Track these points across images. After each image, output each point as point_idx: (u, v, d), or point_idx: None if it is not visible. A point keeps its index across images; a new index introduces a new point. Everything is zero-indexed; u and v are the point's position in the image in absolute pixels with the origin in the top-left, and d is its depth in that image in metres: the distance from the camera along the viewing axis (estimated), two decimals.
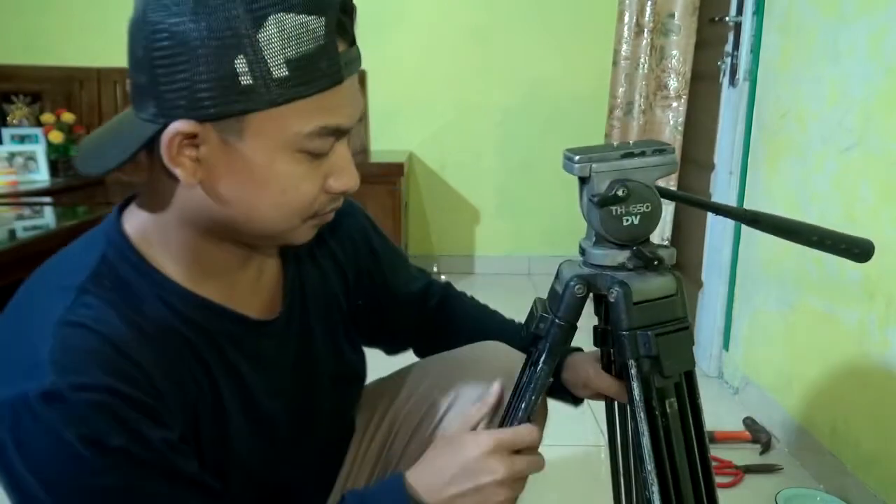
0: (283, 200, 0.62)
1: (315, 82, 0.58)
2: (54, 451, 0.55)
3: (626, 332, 0.72)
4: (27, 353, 0.57)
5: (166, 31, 0.55)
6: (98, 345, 0.58)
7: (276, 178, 0.61)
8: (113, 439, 0.56)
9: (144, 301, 0.64)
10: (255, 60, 0.55)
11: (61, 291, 0.60)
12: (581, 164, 0.72)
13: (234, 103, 0.57)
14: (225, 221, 0.64)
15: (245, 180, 0.61)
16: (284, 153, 0.60)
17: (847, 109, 1.60)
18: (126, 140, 0.61)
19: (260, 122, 0.58)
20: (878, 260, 0.90)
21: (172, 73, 0.56)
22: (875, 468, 1.50)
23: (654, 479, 0.71)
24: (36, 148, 2.95)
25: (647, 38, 2.37)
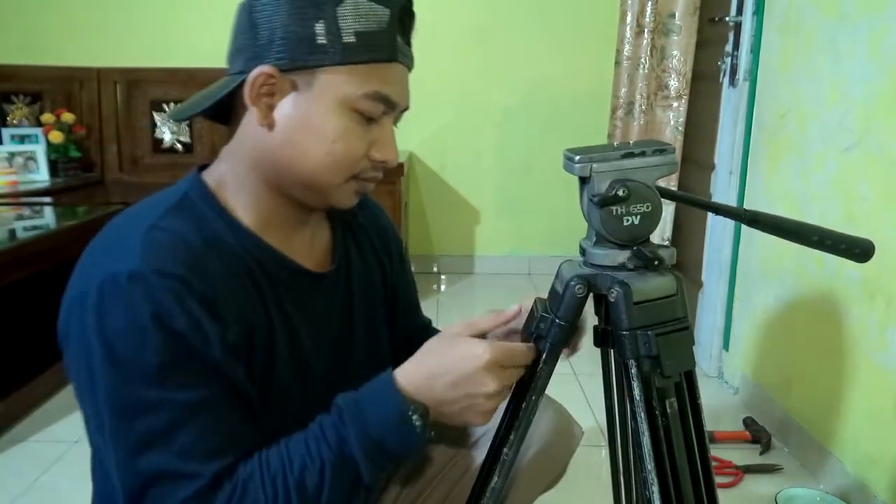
0: (332, 149, 0.72)
1: (373, 53, 0.71)
2: (126, 322, 0.64)
3: (627, 332, 0.72)
4: (119, 248, 0.68)
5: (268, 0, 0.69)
6: (179, 245, 0.68)
7: (331, 128, 0.72)
8: (176, 323, 0.65)
9: (217, 233, 0.73)
10: (331, 27, 0.69)
11: (150, 211, 0.72)
12: (581, 164, 0.72)
13: (308, 57, 0.69)
14: (284, 166, 0.74)
15: (305, 126, 0.72)
16: (341, 108, 0.71)
17: (847, 109, 1.60)
18: (216, 91, 0.74)
19: (326, 78, 0.70)
20: (878, 260, 0.90)
21: (263, 29, 0.70)
22: (875, 468, 1.50)
23: (654, 479, 0.71)
24: (36, 148, 2.95)
25: (648, 38, 2.37)
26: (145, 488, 0.65)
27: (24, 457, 1.78)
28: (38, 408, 2.02)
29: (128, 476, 0.65)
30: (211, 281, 0.68)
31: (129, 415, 0.65)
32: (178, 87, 3.17)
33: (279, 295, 0.77)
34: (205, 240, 0.71)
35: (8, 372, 2.04)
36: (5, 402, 1.90)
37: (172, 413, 0.65)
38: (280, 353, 0.77)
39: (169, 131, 3.22)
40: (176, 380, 0.65)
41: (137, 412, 0.65)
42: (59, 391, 2.11)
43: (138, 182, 3.16)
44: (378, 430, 0.68)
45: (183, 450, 0.65)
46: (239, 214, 0.76)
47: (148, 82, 3.19)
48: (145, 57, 3.22)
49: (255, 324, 0.74)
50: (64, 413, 1.99)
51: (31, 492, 1.63)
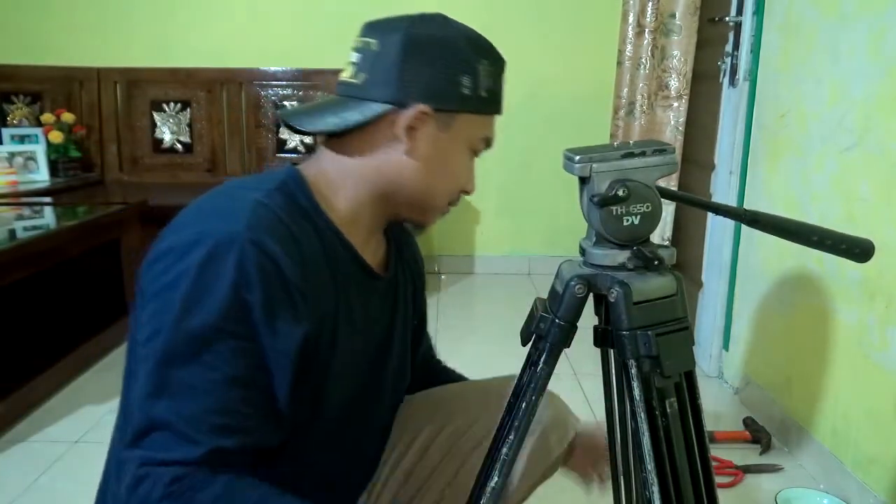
0: (451, 180, 0.86)
1: (494, 107, 0.85)
2: (209, 279, 0.69)
3: (627, 332, 0.72)
4: (229, 212, 0.74)
5: (425, 43, 0.80)
6: (280, 228, 0.74)
7: (457, 163, 0.85)
8: (252, 296, 0.69)
9: (308, 221, 0.79)
10: (473, 81, 0.81)
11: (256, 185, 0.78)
12: (581, 164, 0.72)
13: (453, 103, 0.81)
14: (407, 187, 0.84)
15: (438, 159, 0.83)
16: (465, 148, 0.85)
17: (847, 109, 1.60)
18: (358, 111, 0.81)
19: (462, 123, 0.82)
20: (878, 260, 0.90)
21: (419, 71, 0.79)
22: (875, 468, 1.50)
23: (654, 479, 0.71)
24: (36, 148, 2.95)
25: (649, 38, 2.37)
26: (149, 431, 0.68)
27: (24, 457, 1.78)
28: (38, 408, 2.02)
29: (142, 414, 0.69)
30: (299, 267, 0.74)
31: (170, 361, 0.69)
32: (178, 87, 3.18)
33: (348, 288, 0.84)
34: (302, 227, 0.77)
35: (8, 372, 2.04)
36: (5, 402, 1.90)
37: (206, 375, 0.68)
38: (341, 345, 0.82)
39: (169, 131, 3.22)
40: (224, 345, 0.69)
41: (179, 361, 0.69)
42: (59, 391, 2.12)
43: (138, 182, 3.16)
44: None
45: (197, 414, 0.68)
46: (326, 208, 0.82)
47: (148, 82, 3.19)
48: (145, 57, 3.22)
49: (327, 309, 0.79)
50: (64, 413, 1.99)
51: (31, 492, 1.63)
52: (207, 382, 0.68)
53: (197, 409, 0.68)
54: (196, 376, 0.68)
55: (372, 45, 0.80)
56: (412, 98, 0.79)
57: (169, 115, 3.21)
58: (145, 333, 0.71)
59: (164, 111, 3.21)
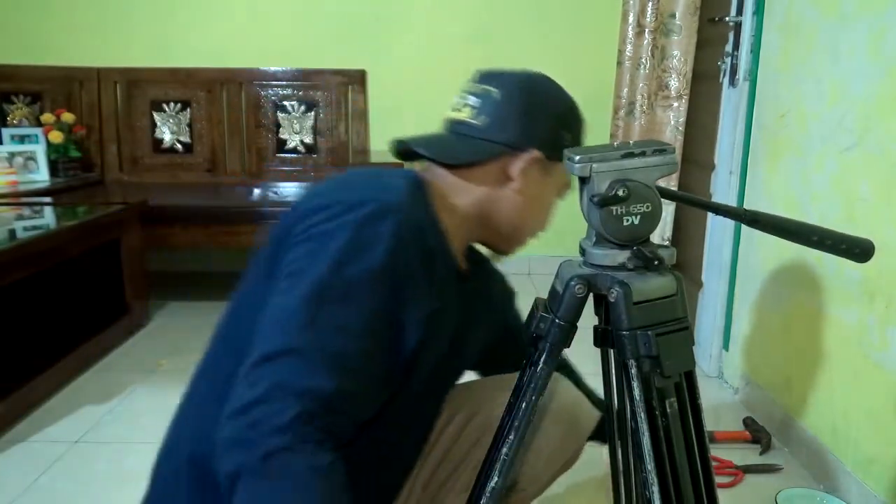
0: (542, 218, 0.98)
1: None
2: (370, 235, 0.76)
3: (627, 332, 0.72)
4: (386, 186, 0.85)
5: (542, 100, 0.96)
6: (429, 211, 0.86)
7: (548, 204, 0.98)
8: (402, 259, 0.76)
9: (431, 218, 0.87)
10: (570, 137, 0.95)
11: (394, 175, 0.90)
12: (581, 164, 0.72)
13: (557, 152, 0.88)
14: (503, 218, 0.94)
15: (536, 199, 0.95)
16: (554, 193, 0.98)
17: (847, 109, 1.60)
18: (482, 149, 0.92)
19: (558, 170, 0.93)
20: (878, 260, 0.90)
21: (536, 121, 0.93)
22: (875, 468, 1.50)
23: (654, 479, 0.71)
24: (36, 148, 2.95)
25: (649, 38, 2.37)
26: (287, 353, 0.70)
27: (24, 457, 1.78)
28: (38, 408, 2.02)
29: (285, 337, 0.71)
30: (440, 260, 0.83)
31: (321, 298, 0.73)
32: (178, 87, 3.18)
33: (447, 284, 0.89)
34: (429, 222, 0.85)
35: (8, 372, 2.04)
36: (5, 402, 1.90)
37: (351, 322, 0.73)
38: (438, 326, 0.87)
39: (169, 131, 3.22)
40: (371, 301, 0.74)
41: (329, 301, 0.73)
42: (59, 391, 2.11)
43: (138, 182, 3.16)
44: None
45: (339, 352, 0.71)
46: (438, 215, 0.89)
47: (148, 82, 3.19)
48: (145, 57, 3.22)
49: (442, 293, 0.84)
50: (64, 413, 1.99)
51: (31, 492, 1.63)
52: (351, 327, 0.73)
53: (339, 348, 0.71)
54: (342, 318, 0.72)
55: (493, 94, 0.94)
56: (528, 144, 0.91)
57: (169, 115, 3.21)
58: (293, 268, 0.76)
59: (164, 111, 3.21)
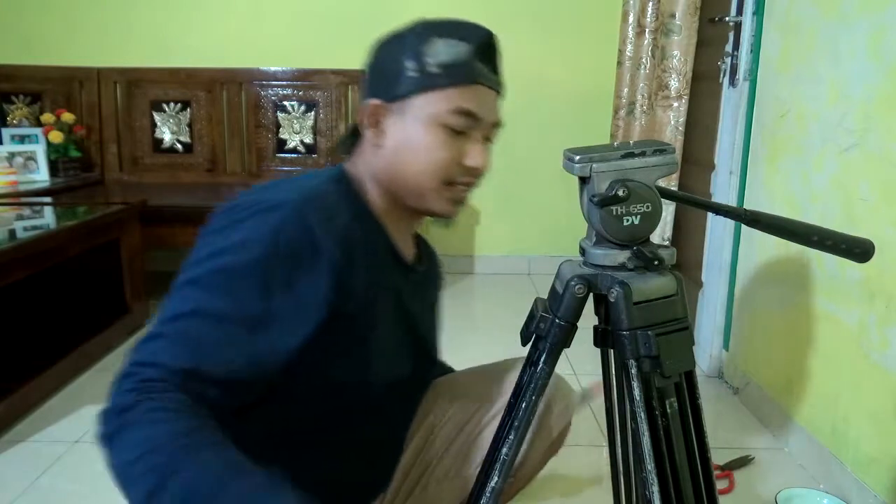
0: (424, 160, 0.87)
1: (454, 78, 0.85)
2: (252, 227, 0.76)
3: (627, 332, 0.72)
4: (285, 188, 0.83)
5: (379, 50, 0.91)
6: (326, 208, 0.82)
7: (424, 141, 0.86)
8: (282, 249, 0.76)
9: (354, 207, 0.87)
10: (417, 63, 0.86)
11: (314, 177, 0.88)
12: (581, 164, 0.72)
13: (401, 88, 0.86)
14: (393, 175, 0.89)
15: (405, 142, 0.87)
16: (431, 125, 0.86)
17: (847, 109, 1.60)
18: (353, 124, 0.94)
19: (418, 104, 0.86)
20: (878, 260, 0.90)
21: (375, 70, 0.90)
22: (875, 468, 1.50)
23: (654, 479, 0.71)
24: (36, 148, 2.95)
25: (649, 38, 2.37)
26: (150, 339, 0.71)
27: (24, 457, 1.78)
28: (38, 408, 2.02)
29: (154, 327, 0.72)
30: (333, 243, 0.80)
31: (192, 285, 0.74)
32: (178, 87, 3.18)
33: (383, 270, 0.90)
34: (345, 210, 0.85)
35: (8, 372, 2.04)
36: (5, 402, 1.90)
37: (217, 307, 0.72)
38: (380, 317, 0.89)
39: (169, 131, 3.22)
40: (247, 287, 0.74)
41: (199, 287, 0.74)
42: (59, 391, 2.11)
43: (138, 182, 3.16)
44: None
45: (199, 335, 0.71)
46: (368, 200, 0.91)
47: (148, 82, 3.19)
48: (145, 57, 3.22)
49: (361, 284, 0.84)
50: (64, 413, 1.99)
51: (31, 492, 1.63)
52: (218, 312, 0.72)
53: (201, 332, 0.71)
54: (209, 304, 0.72)
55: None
56: (366, 97, 0.89)
57: (169, 115, 3.21)
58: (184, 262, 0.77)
59: (164, 111, 3.21)
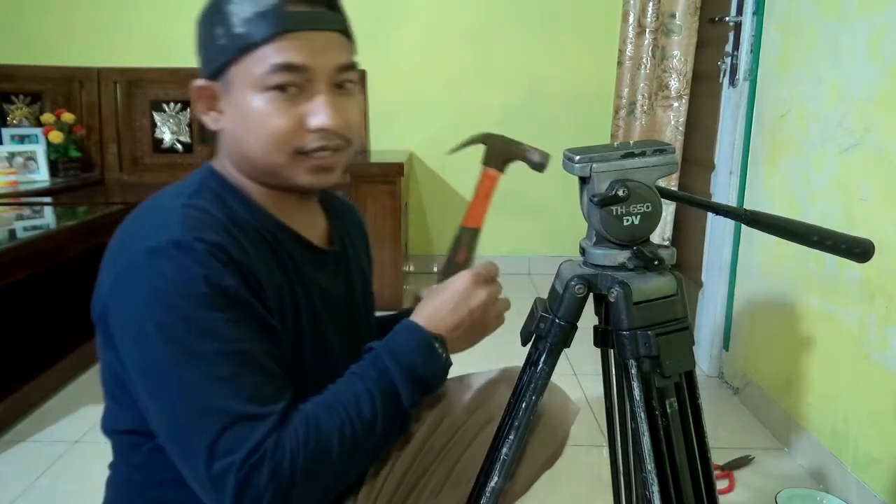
0: (261, 133, 0.77)
1: (260, 33, 0.74)
2: (182, 284, 0.69)
3: (627, 332, 0.72)
4: (159, 222, 0.74)
5: (197, 25, 0.81)
6: (210, 219, 0.75)
7: (254, 114, 0.76)
8: (226, 280, 0.71)
9: (236, 210, 0.80)
10: (224, 27, 0.75)
11: (177, 195, 0.78)
12: (581, 164, 0.72)
13: (216, 61, 0.77)
14: (241, 158, 0.81)
15: (237, 119, 0.78)
16: (256, 92, 0.75)
17: (847, 109, 1.60)
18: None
19: (237, 73, 0.76)
20: (878, 260, 0.90)
21: (197, 50, 0.81)
22: (875, 468, 1.50)
23: (654, 479, 0.71)
24: (36, 148, 2.95)
25: (650, 38, 2.37)
26: (218, 436, 0.67)
27: (24, 457, 1.78)
28: (38, 408, 2.02)
29: (196, 427, 0.68)
30: (243, 250, 0.75)
31: (195, 366, 0.69)
32: (178, 87, 3.18)
33: (293, 261, 0.84)
34: (228, 217, 0.78)
35: (8, 372, 2.04)
36: (5, 402, 1.90)
37: (235, 361, 0.70)
38: (304, 318, 0.84)
39: (169, 131, 3.22)
40: (232, 332, 0.70)
41: (203, 364, 0.69)
42: (59, 391, 2.11)
43: (138, 182, 3.16)
44: (410, 359, 0.77)
45: (251, 394, 0.69)
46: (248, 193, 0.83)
47: (148, 82, 3.19)
48: (145, 57, 3.22)
49: (283, 291, 0.81)
50: (64, 413, 1.99)
51: (31, 492, 1.63)
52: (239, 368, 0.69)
53: (248, 393, 0.69)
54: (228, 369, 0.69)
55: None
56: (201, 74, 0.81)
57: (169, 115, 3.21)
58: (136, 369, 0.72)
59: (164, 111, 3.21)
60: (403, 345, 0.79)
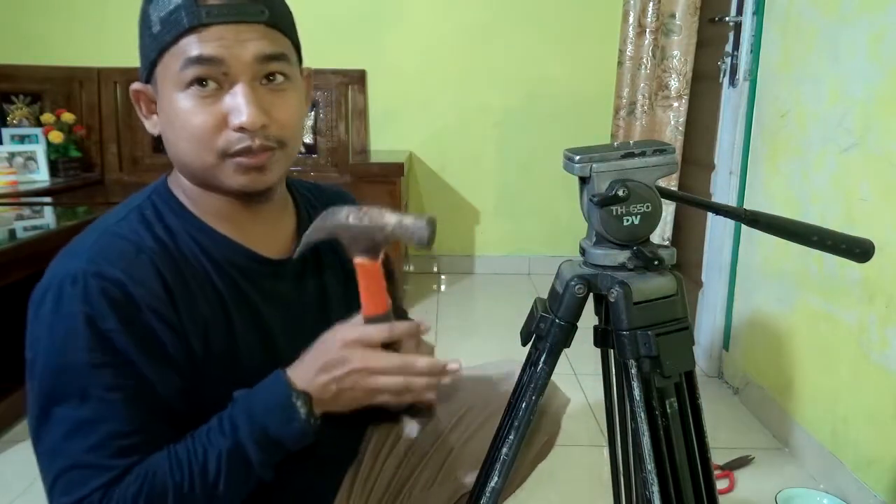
0: (185, 134, 0.74)
1: (173, 29, 0.72)
2: (62, 320, 0.69)
3: (627, 332, 0.72)
4: (74, 249, 0.74)
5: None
6: (126, 249, 0.73)
7: (177, 114, 0.74)
8: (107, 323, 0.69)
9: (174, 230, 0.78)
10: (147, 28, 0.74)
11: (117, 212, 0.79)
12: (581, 164, 0.72)
13: (144, 62, 0.76)
14: (180, 164, 0.78)
15: (167, 122, 0.76)
16: (177, 92, 0.73)
17: (847, 109, 1.60)
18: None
19: (159, 74, 0.75)
20: (878, 260, 0.90)
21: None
22: (875, 468, 1.50)
23: (654, 479, 0.71)
24: (36, 148, 2.95)
25: (650, 38, 2.37)
26: (60, 475, 0.69)
27: (24, 457, 1.78)
28: None
29: (46, 462, 0.70)
30: (155, 285, 0.73)
31: (55, 403, 0.70)
32: None
33: (238, 283, 0.80)
34: (158, 241, 0.76)
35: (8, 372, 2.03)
36: (5, 402, 1.90)
37: (94, 407, 0.69)
38: (242, 341, 0.80)
39: None
40: (101, 377, 0.69)
41: (62, 402, 0.69)
42: None
43: (138, 182, 3.16)
44: (264, 419, 0.71)
45: (99, 443, 0.68)
46: (194, 211, 0.81)
47: None
48: None
49: (210, 315, 0.77)
50: None
51: (31, 492, 1.63)
52: (97, 414, 0.69)
53: (97, 440, 0.68)
54: (85, 412, 0.68)
55: None
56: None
57: None
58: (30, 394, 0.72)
59: None
60: (261, 401, 0.72)
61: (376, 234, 0.73)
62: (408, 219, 0.73)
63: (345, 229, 0.74)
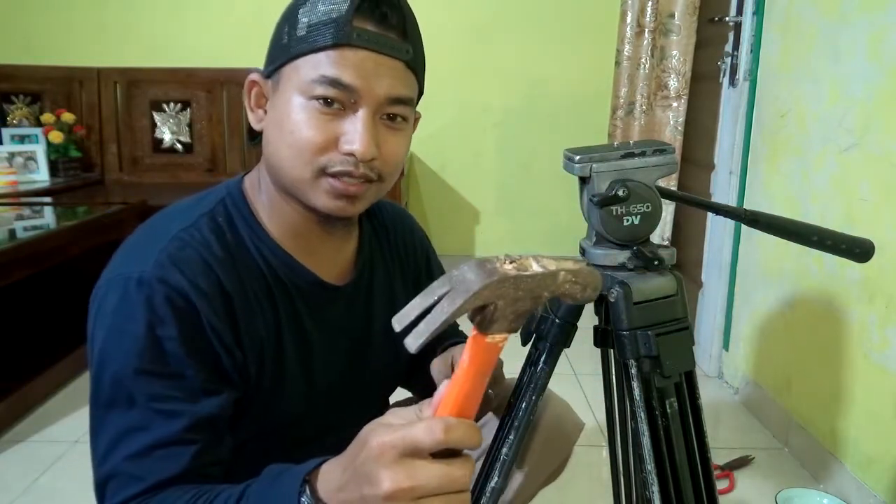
0: (292, 141, 0.73)
1: (321, 40, 0.71)
2: (121, 324, 0.69)
3: (627, 332, 0.72)
4: (141, 251, 0.73)
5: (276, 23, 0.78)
6: (195, 259, 0.72)
7: (291, 120, 0.72)
8: (167, 331, 0.69)
9: (243, 242, 0.78)
10: (290, 27, 0.73)
11: (185, 214, 0.77)
12: (581, 164, 0.72)
13: (276, 59, 0.75)
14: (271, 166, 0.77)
15: (275, 121, 0.75)
16: (299, 98, 0.72)
17: (847, 109, 1.60)
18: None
19: (287, 74, 0.74)
20: (878, 260, 0.90)
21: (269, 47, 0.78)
22: (875, 468, 1.50)
23: (654, 479, 0.71)
24: (36, 148, 2.95)
25: (648, 38, 2.37)
26: (103, 482, 0.70)
27: (24, 457, 1.78)
28: (38, 408, 2.02)
29: (95, 463, 0.71)
30: (218, 300, 0.72)
31: (108, 406, 0.70)
32: (178, 87, 3.18)
33: (295, 305, 0.80)
34: (225, 250, 0.75)
35: (8, 372, 2.04)
36: (5, 402, 1.90)
37: (140, 414, 0.69)
38: (289, 362, 0.80)
39: (169, 131, 3.22)
40: (149, 385, 0.69)
41: (113, 406, 0.70)
42: (59, 391, 2.11)
43: (138, 182, 3.16)
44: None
45: (140, 452, 0.68)
46: (265, 221, 0.80)
47: (148, 82, 3.19)
48: (145, 57, 3.22)
49: (266, 335, 0.77)
50: (64, 413, 1.99)
51: (31, 492, 1.63)
52: (141, 421, 0.69)
53: (137, 449, 0.68)
54: (130, 418, 0.69)
55: None
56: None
57: (169, 115, 3.21)
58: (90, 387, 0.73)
59: (164, 111, 3.21)
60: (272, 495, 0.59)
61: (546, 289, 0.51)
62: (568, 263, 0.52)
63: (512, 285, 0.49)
